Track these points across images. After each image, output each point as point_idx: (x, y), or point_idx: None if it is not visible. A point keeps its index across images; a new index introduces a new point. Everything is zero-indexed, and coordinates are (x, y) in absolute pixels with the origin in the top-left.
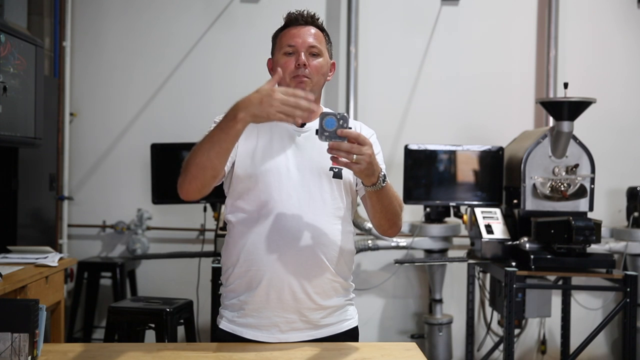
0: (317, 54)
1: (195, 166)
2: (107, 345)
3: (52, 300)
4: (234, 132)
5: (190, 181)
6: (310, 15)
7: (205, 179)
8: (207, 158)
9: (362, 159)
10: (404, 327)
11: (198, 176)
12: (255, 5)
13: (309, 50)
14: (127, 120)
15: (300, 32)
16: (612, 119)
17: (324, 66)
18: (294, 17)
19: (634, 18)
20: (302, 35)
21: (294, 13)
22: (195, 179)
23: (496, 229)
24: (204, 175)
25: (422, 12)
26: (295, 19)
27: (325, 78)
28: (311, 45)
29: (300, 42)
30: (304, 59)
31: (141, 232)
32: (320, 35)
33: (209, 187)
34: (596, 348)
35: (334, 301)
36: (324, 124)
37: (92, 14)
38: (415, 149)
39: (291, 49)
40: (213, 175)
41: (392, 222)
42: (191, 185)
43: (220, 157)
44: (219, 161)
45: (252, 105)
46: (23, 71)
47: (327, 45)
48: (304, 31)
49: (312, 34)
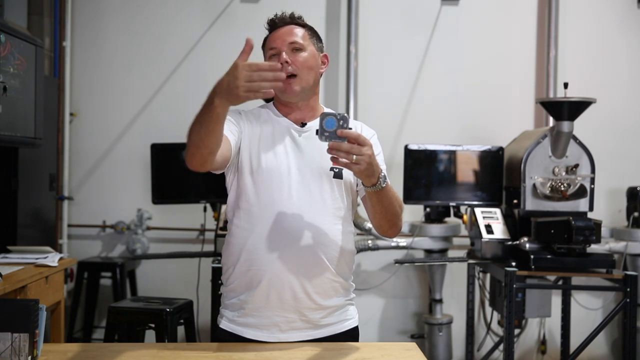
0: (299, 48)
1: (192, 143)
2: (107, 345)
3: (52, 300)
4: (215, 115)
5: (190, 157)
6: (287, 15)
7: (202, 156)
8: (199, 137)
9: (362, 160)
10: (404, 327)
11: (195, 153)
12: (255, 5)
13: (290, 47)
14: (127, 120)
15: (279, 33)
16: (612, 119)
17: (310, 59)
18: (271, 22)
19: (634, 18)
20: (281, 35)
21: (272, 18)
22: (193, 155)
23: (496, 229)
24: (200, 152)
25: (422, 12)
26: (274, 23)
27: (316, 71)
28: (291, 42)
29: (279, 43)
30: (285, 56)
31: (141, 232)
32: (302, 30)
33: (210, 162)
34: (596, 348)
35: (334, 301)
36: (324, 124)
37: (92, 14)
38: (415, 149)
39: (274, 51)
40: (209, 152)
41: (392, 223)
42: (192, 160)
43: (211, 136)
44: (210, 140)
45: (222, 89)
46: (23, 71)
47: (311, 39)
48: (282, 31)
49: (291, 31)
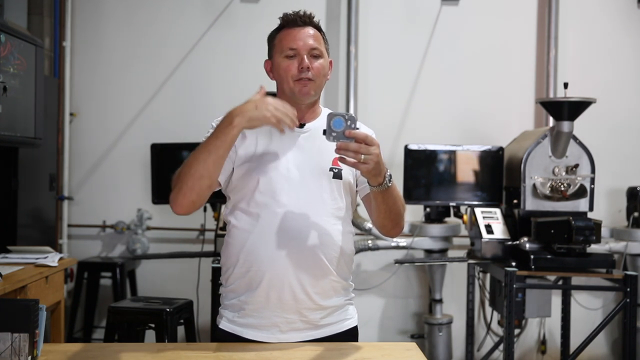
0: (319, 55)
1: (191, 177)
2: (107, 345)
3: (52, 300)
4: (230, 137)
5: (185, 193)
6: (307, 15)
7: (201, 189)
8: (204, 166)
9: (370, 159)
10: (404, 327)
11: (194, 187)
12: (255, 5)
13: (310, 53)
14: (127, 120)
15: (300, 34)
16: (612, 119)
17: (325, 67)
18: (291, 19)
19: (634, 18)
20: (302, 37)
21: (290, 14)
22: (191, 190)
23: (496, 229)
24: (200, 185)
25: (422, 12)
26: (293, 20)
27: (326, 78)
28: (313, 48)
29: (301, 45)
30: (307, 62)
31: (141, 232)
32: (319, 35)
33: (203, 199)
34: (596, 348)
35: (334, 301)
36: (332, 124)
37: (92, 14)
38: (415, 149)
39: (293, 52)
40: (209, 184)
41: (395, 223)
42: (185, 197)
43: (217, 164)
44: (215, 169)
45: (248, 110)
46: (23, 71)
47: (325, 45)
48: (303, 33)
49: (312, 35)
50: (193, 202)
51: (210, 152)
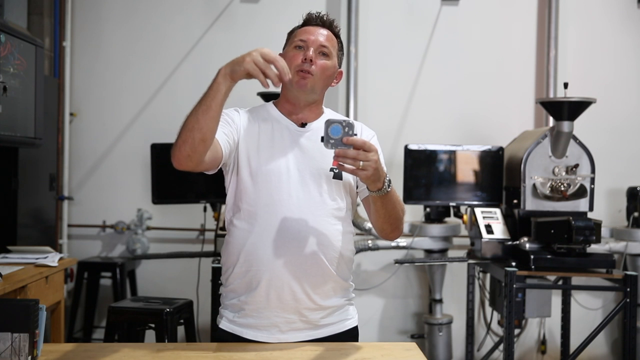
0: (326, 54)
1: (184, 129)
2: (107, 345)
3: (52, 300)
4: (216, 87)
5: (179, 146)
6: (329, 20)
7: (194, 142)
8: (195, 118)
9: (368, 165)
10: (404, 327)
11: (187, 139)
12: (255, 5)
13: (318, 49)
14: (127, 120)
15: (314, 30)
16: (612, 119)
17: (330, 68)
18: (313, 17)
19: (634, 18)
20: (315, 33)
21: (314, 14)
22: (184, 142)
23: (496, 229)
24: (192, 137)
25: (422, 12)
26: (314, 18)
27: (329, 82)
28: (322, 45)
29: (311, 39)
30: (311, 54)
31: (141, 232)
32: (333, 38)
33: (199, 155)
34: (596, 348)
35: (334, 301)
36: (329, 131)
37: (92, 14)
38: (415, 149)
39: (302, 44)
40: (201, 137)
41: (395, 226)
42: (180, 150)
43: (207, 115)
44: (205, 121)
45: (235, 62)
46: (23, 71)
47: (338, 52)
48: (318, 30)
49: (325, 35)
50: (189, 156)
51: (201, 103)
